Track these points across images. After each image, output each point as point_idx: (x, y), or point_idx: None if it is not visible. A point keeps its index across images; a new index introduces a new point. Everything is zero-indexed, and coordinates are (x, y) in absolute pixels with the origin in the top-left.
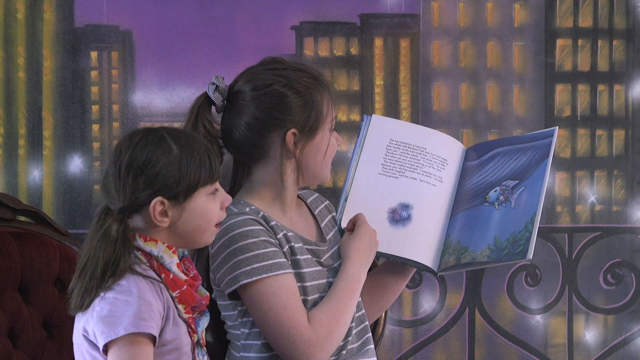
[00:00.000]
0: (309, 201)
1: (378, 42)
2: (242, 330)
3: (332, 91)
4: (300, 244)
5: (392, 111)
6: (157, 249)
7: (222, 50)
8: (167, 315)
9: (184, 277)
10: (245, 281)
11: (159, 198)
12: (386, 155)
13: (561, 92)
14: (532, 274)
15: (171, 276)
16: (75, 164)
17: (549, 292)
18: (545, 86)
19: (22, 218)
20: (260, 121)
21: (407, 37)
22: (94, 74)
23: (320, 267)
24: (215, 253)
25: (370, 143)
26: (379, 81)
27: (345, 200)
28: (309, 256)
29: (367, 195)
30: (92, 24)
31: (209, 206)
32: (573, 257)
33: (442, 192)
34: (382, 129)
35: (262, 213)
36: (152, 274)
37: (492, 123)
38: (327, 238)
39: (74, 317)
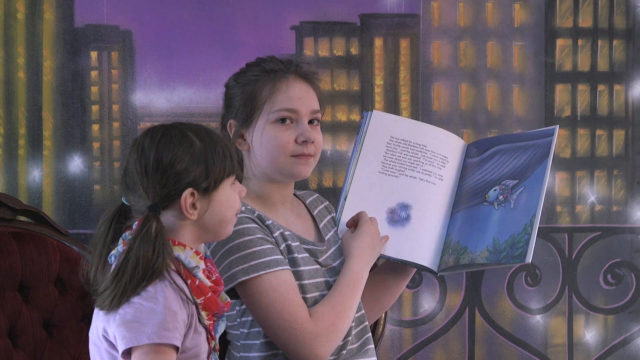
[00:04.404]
0: (307, 202)
1: (378, 42)
2: (241, 330)
3: (284, 82)
4: (297, 243)
5: (392, 111)
6: (184, 254)
7: (222, 50)
8: (190, 323)
9: (209, 283)
10: (243, 278)
11: (190, 189)
12: (386, 153)
13: (561, 92)
14: (532, 274)
15: (197, 282)
16: (75, 164)
17: (549, 292)
18: (545, 86)
19: (22, 218)
20: (222, 117)
21: (407, 37)
22: (94, 74)
23: (317, 266)
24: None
25: (371, 140)
26: (379, 81)
27: (345, 199)
28: (307, 255)
29: (366, 194)
30: (92, 24)
31: (232, 196)
32: (573, 257)
33: (442, 191)
34: (382, 126)
35: (257, 212)
36: (181, 282)
37: (492, 123)
38: (326, 238)
39: (73, 317)
